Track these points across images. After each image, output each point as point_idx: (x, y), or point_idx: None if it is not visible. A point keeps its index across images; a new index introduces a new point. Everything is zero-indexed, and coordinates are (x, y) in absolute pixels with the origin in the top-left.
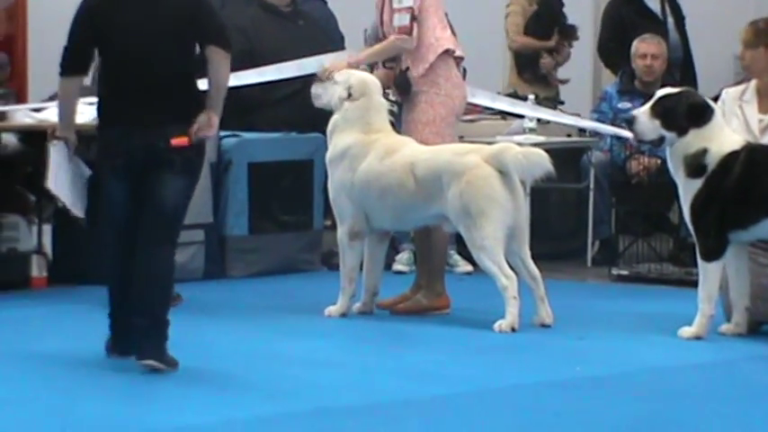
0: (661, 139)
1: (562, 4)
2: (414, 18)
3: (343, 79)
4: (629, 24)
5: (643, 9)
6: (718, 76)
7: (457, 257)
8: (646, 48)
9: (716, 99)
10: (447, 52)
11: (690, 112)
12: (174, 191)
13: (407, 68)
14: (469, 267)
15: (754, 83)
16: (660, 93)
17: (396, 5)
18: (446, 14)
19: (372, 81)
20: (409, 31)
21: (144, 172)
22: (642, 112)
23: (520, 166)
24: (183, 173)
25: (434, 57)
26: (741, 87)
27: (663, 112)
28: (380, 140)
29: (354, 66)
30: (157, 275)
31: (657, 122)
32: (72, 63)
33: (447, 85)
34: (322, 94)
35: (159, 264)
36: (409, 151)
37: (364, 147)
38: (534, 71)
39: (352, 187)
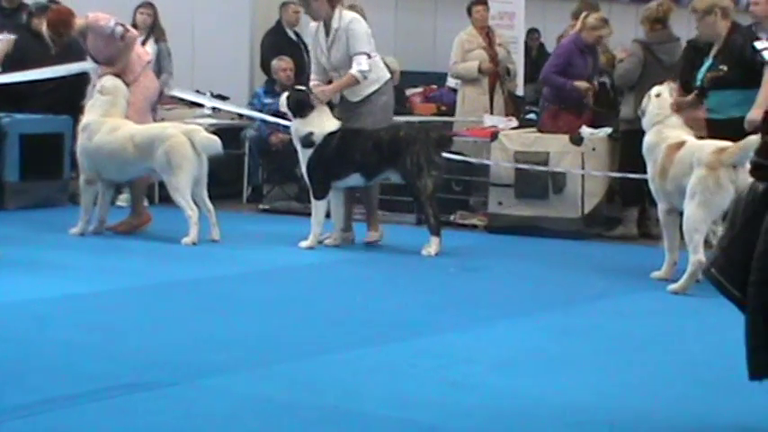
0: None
1: None
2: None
3: (102, 83)
4: (276, 49)
5: (287, 37)
6: None
7: None
8: (285, 65)
9: None
10: (148, 63)
11: (298, 105)
12: None
13: (124, 77)
14: None
15: None
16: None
17: (107, 33)
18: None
19: (120, 85)
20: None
21: None
22: (284, 97)
23: (203, 145)
24: None
25: (140, 68)
26: None
27: (292, 102)
28: (110, 121)
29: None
30: None
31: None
32: None
33: (146, 81)
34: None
35: None
36: (129, 128)
37: (99, 124)
38: None
39: (89, 150)
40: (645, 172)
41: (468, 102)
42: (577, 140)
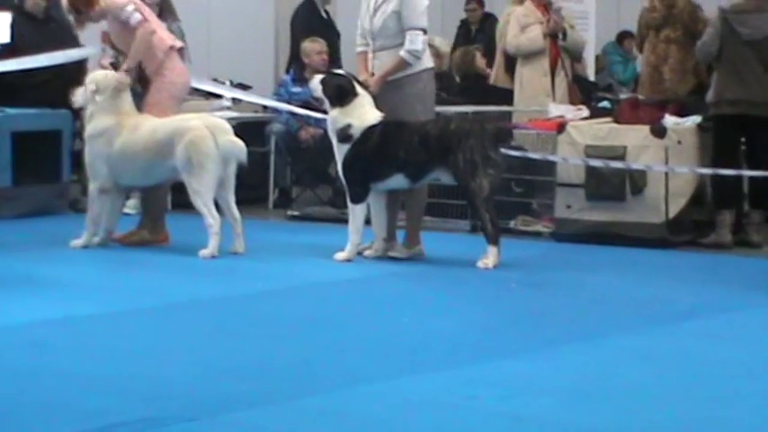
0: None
1: None
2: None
3: (90, 79)
4: (307, 29)
5: (319, 16)
6: None
7: None
8: (320, 47)
9: None
10: (171, 48)
11: (339, 92)
12: None
13: (145, 68)
14: None
15: None
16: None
17: (123, 18)
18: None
19: (112, 75)
20: (143, 23)
21: None
22: (317, 80)
23: (226, 149)
24: None
25: (162, 54)
26: None
27: (330, 88)
28: (129, 120)
29: (128, 72)
30: None
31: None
32: None
33: (172, 75)
34: (79, 98)
35: None
36: (150, 123)
37: (119, 126)
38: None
39: (110, 156)
40: (740, 166)
41: (528, 85)
42: (660, 131)
